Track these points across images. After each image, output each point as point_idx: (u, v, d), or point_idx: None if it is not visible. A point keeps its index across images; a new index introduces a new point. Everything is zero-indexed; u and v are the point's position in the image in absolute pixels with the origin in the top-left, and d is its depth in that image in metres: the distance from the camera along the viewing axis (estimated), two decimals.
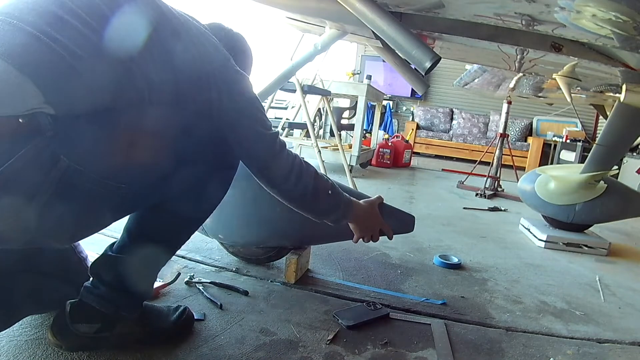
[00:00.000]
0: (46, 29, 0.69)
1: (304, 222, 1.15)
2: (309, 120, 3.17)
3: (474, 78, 3.06)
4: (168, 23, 0.85)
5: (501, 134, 3.93)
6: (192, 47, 0.87)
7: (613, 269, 2.12)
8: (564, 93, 1.82)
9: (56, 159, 0.69)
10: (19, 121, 0.66)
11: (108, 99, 0.74)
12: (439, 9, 1.24)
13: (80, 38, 0.72)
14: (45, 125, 0.68)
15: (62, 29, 0.70)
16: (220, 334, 1.12)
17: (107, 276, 0.94)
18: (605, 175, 2.31)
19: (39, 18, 0.70)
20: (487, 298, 1.57)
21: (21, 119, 0.66)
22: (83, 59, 0.71)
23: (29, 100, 0.66)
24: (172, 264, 1.51)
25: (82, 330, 0.91)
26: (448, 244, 2.20)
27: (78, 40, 0.71)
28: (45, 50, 0.68)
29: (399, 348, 1.16)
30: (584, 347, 1.28)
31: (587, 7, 0.93)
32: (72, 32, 0.71)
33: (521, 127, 7.39)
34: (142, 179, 0.84)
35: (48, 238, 0.79)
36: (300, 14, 1.71)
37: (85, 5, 0.75)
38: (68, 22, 0.71)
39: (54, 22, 0.70)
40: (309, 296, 1.41)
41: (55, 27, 0.70)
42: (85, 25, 0.73)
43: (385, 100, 7.54)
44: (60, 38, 0.69)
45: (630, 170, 4.94)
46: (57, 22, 0.71)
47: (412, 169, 5.43)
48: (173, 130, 0.86)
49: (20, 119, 0.66)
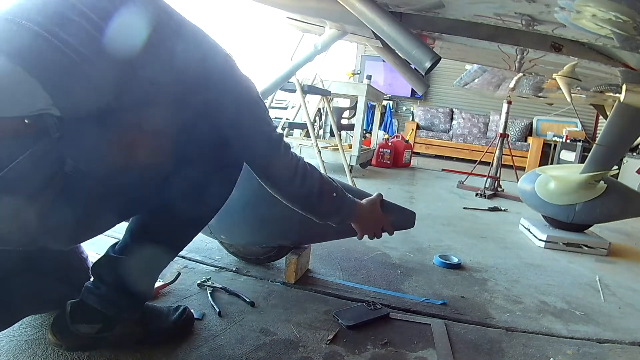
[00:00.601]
0: (54, 29, 0.69)
1: (305, 221, 1.15)
2: (309, 120, 3.17)
3: (474, 78, 3.06)
4: (169, 22, 0.85)
5: (501, 134, 3.93)
6: (193, 47, 0.87)
7: (613, 269, 2.12)
8: (564, 93, 1.82)
9: (62, 160, 0.69)
10: (25, 122, 0.66)
11: (113, 99, 0.74)
12: (439, 9, 1.25)
13: (87, 38, 0.72)
14: (52, 127, 0.68)
15: (70, 29, 0.70)
16: (220, 334, 1.12)
17: (108, 277, 0.94)
18: (605, 175, 2.31)
19: (46, 18, 0.70)
20: (487, 298, 1.57)
21: (27, 120, 0.66)
22: (90, 59, 0.71)
23: (36, 102, 0.66)
24: (172, 263, 1.51)
25: (83, 330, 0.91)
26: (448, 244, 2.20)
27: (85, 41, 0.71)
28: (53, 51, 0.68)
29: (399, 348, 1.16)
30: (584, 347, 1.28)
31: (587, 7, 0.93)
32: (79, 32, 0.71)
33: (521, 127, 7.39)
34: (146, 180, 0.84)
35: (50, 240, 0.79)
36: (300, 14, 1.71)
37: (92, 3, 0.75)
38: (75, 21, 0.71)
39: (61, 22, 0.70)
40: (309, 296, 1.41)
41: (63, 27, 0.70)
42: (92, 25, 0.73)
43: (385, 100, 7.54)
44: (68, 38, 0.69)
45: (630, 170, 4.94)
46: (64, 22, 0.71)
47: (412, 169, 5.43)
48: (176, 131, 0.85)
49: (26, 120, 0.66)
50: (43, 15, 0.70)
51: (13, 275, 0.88)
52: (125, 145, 0.76)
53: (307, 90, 3.16)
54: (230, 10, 5.58)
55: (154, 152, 0.81)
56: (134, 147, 0.77)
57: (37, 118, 0.67)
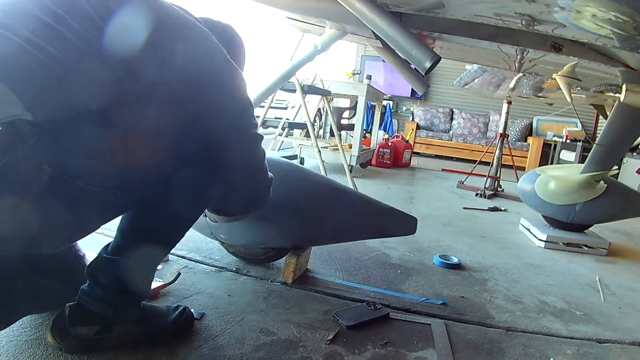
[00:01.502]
0: (27, 35, 0.67)
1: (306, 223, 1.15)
2: (309, 120, 3.17)
3: (474, 78, 3.07)
4: (168, 22, 0.85)
5: (501, 134, 3.93)
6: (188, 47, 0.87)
7: (613, 269, 2.12)
8: (564, 93, 1.82)
9: (38, 167, 0.68)
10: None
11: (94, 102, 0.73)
12: (439, 9, 1.24)
13: (63, 44, 0.70)
14: (25, 133, 0.67)
15: (45, 35, 0.69)
16: (220, 334, 1.12)
17: (103, 278, 0.94)
18: (605, 175, 2.31)
19: (20, 24, 0.68)
20: (487, 298, 1.57)
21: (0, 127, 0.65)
22: (66, 65, 0.70)
23: (7, 108, 0.65)
24: (172, 264, 1.52)
25: (82, 332, 0.91)
26: (448, 244, 2.20)
27: (61, 46, 0.70)
28: (25, 57, 0.67)
29: (399, 348, 1.15)
30: (584, 347, 1.28)
31: (587, 7, 0.93)
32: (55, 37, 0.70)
33: (521, 127, 7.39)
34: (131, 183, 0.84)
35: (35, 245, 0.78)
36: (300, 14, 1.71)
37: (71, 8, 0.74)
38: (52, 27, 0.70)
39: (36, 28, 0.69)
40: (309, 296, 1.41)
41: (38, 33, 0.69)
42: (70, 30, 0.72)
43: (385, 100, 7.54)
44: (43, 44, 0.68)
45: (630, 170, 4.95)
46: (40, 27, 0.69)
47: (412, 169, 5.43)
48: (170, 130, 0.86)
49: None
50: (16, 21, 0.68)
51: (12, 275, 0.88)
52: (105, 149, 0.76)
53: (307, 90, 3.16)
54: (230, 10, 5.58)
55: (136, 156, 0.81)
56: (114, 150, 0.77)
57: (9, 124, 0.65)
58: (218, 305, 1.26)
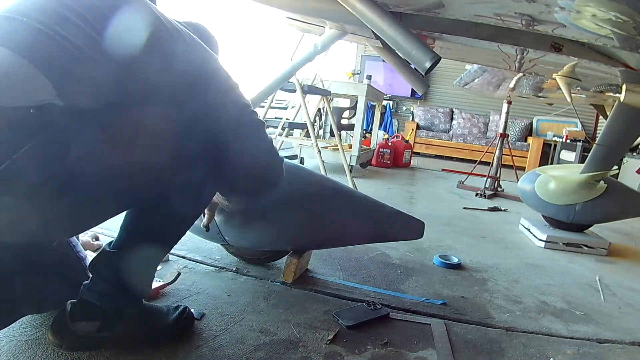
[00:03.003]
0: (54, 27, 0.72)
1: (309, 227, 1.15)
2: (309, 120, 3.17)
3: (474, 78, 3.06)
4: (164, 25, 0.87)
5: (501, 134, 3.93)
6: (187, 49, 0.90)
7: (613, 269, 2.12)
8: (564, 93, 1.82)
9: (66, 149, 0.70)
10: (30, 112, 0.67)
11: (112, 95, 0.76)
12: (439, 9, 1.24)
13: (84, 36, 0.74)
14: (56, 117, 0.69)
15: (68, 27, 0.73)
16: (220, 334, 1.12)
17: (106, 272, 0.95)
18: (605, 175, 2.31)
19: (46, 16, 0.72)
20: (487, 298, 1.57)
21: (32, 109, 0.67)
22: (89, 55, 0.73)
23: (40, 92, 0.68)
24: (172, 263, 1.52)
25: (83, 328, 0.91)
26: (448, 244, 2.20)
27: (83, 39, 0.74)
28: (55, 45, 0.70)
29: (399, 348, 1.15)
30: (584, 347, 1.28)
31: (587, 7, 0.93)
32: (77, 30, 0.74)
33: (521, 127, 7.39)
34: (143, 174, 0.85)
35: (52, 229, 0.80)
36: (300, 14, 1.71)
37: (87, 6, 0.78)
38: (73, 21, 0.74)
39: (60, 21, 0.73)
40: (309, 296, 1.41)
41: (62, 25, 0.73)
42: (88, 25, 0.76)
43: (385, 100, 7.54)
44: (67, 35, 0.72)
45: (630, 170, 4.95)
46: (63, 20, 0.73)
47: (412, 169, 5.43)
48: (175, 129, 0.87)
49: (31, 110, 0.67)
50: (42, 13, 0.72)
51: (12, 275, 0.88)
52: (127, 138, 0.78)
53: (307, 90, 3.16)
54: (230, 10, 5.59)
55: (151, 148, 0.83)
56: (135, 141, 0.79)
57: (41, 108, 0.68)
58: (218, 305, 1.26)
